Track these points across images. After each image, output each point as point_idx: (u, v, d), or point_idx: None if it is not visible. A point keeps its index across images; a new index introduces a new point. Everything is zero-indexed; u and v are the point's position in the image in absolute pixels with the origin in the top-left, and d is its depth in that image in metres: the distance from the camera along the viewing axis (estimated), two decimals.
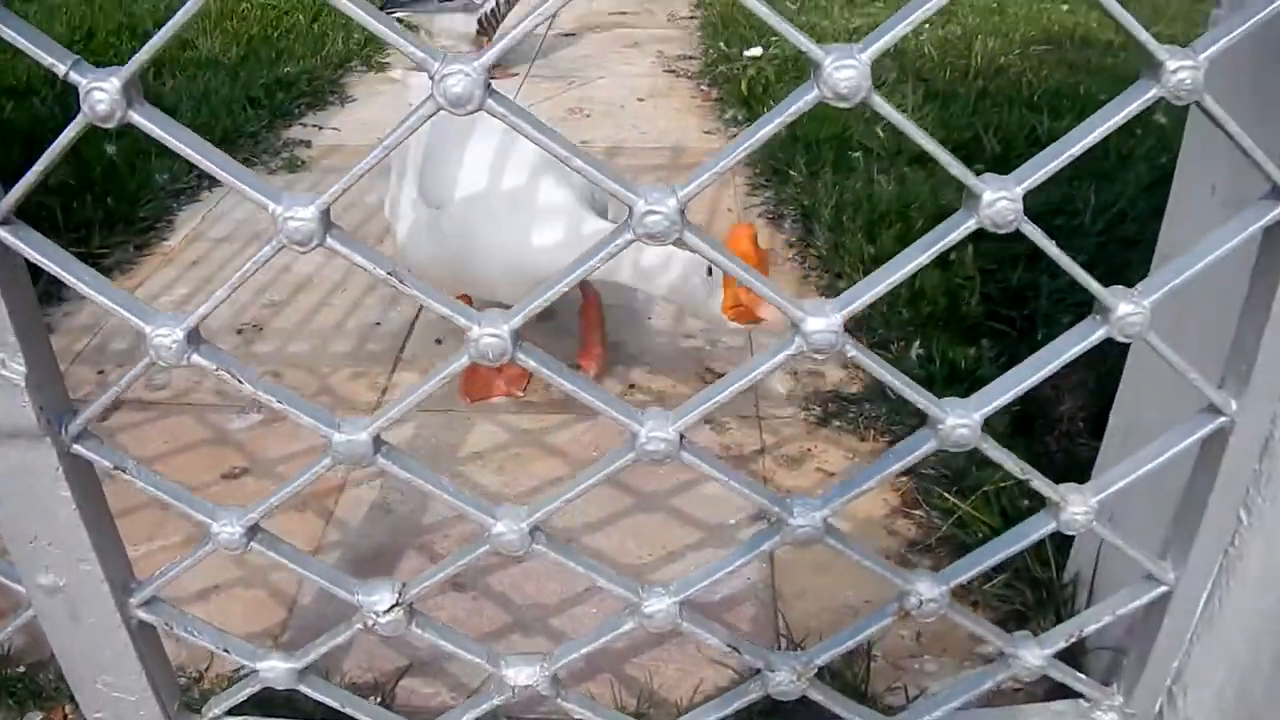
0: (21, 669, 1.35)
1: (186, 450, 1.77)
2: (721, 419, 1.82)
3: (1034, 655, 0.97)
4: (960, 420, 0.80)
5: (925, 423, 0.82)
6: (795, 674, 0.93)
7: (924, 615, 0.90)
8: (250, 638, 1.36)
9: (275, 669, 0.96)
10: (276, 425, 1.80)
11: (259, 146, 3.10)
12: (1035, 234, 0.75)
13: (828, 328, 0.74)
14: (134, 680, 0.98)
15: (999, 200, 0.71)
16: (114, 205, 2.53)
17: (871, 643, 1.32)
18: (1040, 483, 0.87)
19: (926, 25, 4.22)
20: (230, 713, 1.05)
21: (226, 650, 0.96)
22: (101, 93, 0.64)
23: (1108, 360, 1.86)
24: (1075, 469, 1.41)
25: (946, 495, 1.57)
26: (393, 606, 0.88)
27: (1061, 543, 1.37)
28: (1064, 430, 1.74)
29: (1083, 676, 1.03)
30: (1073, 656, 1.14)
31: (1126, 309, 0.78)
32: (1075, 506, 0.87)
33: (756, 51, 3.61)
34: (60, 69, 0.64)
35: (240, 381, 0.77)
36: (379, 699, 1.29)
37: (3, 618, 1.06)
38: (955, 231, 0.72)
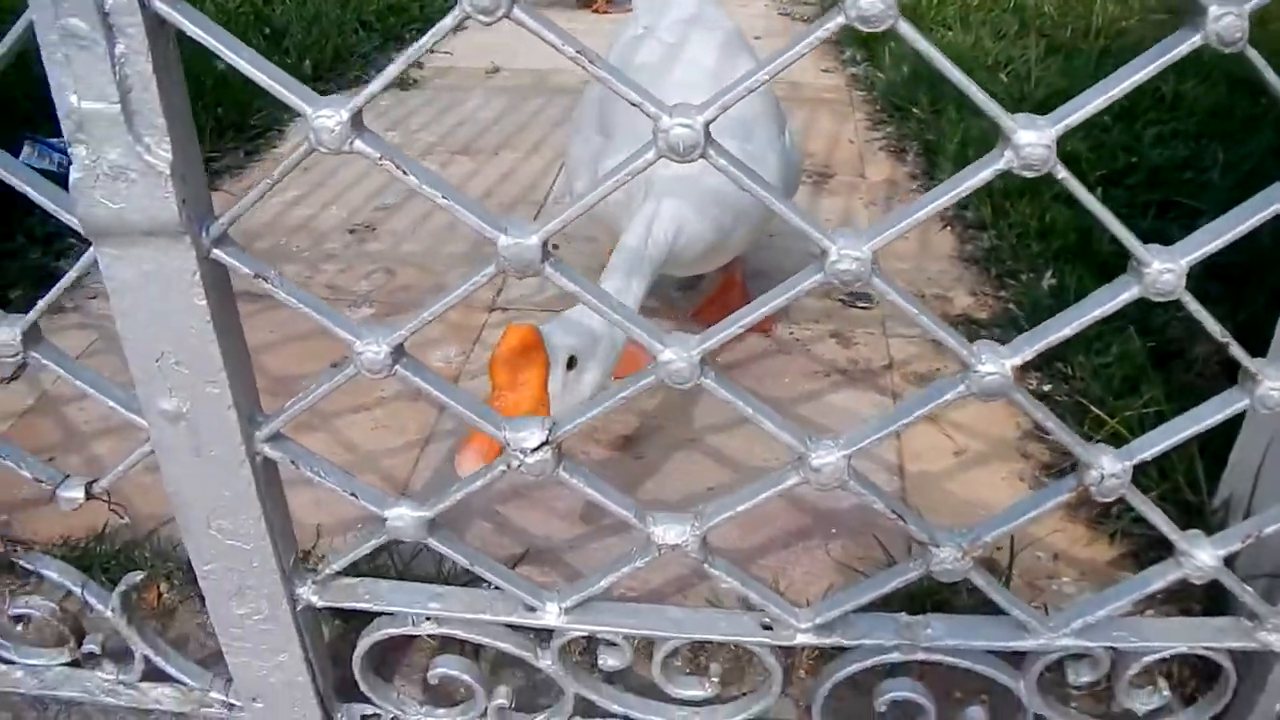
0: (117, 546, 1.32)
1: (295, 340, 1.74)
2: (848, 333, 1.75)
3: (1207, 555, 0.89)
4: (1166, 265, 0.74)
5: (1127, 270, 0.76)
6: (960, 551, 0.87)
7: (1103, 494, 0.84)
8: (361, 520, 1.30)
9: (404, 518, 0.92)
10: (390, 320, 1.75)
11: (370, 66, 3.10)
12: None
13: (1039, 141, 0.69)
14: (252, 525, 0.94)
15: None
16: (224, 114, 2.52)
17: (1013, 556, 1.25)
18: (1238, 351, 0.80)
19: None
20: (347, 572, 1.01)
21: (354, 494, 0.92)
22: None
23: (1241, 308, 1.77)
24: None
25: (1092, 414, 1.49)
26: (542, 444, 0.83)
27: (1212, 466, 1.29)
28: (1199, 371, 1.67)
29: (1250, 590, 0.95)
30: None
31: None
32: (1274, 381, 0.80)
33: None
34: None
35: (405, 173, 0.72)
36: (492, 586, 1.24)
37: None
38: None
